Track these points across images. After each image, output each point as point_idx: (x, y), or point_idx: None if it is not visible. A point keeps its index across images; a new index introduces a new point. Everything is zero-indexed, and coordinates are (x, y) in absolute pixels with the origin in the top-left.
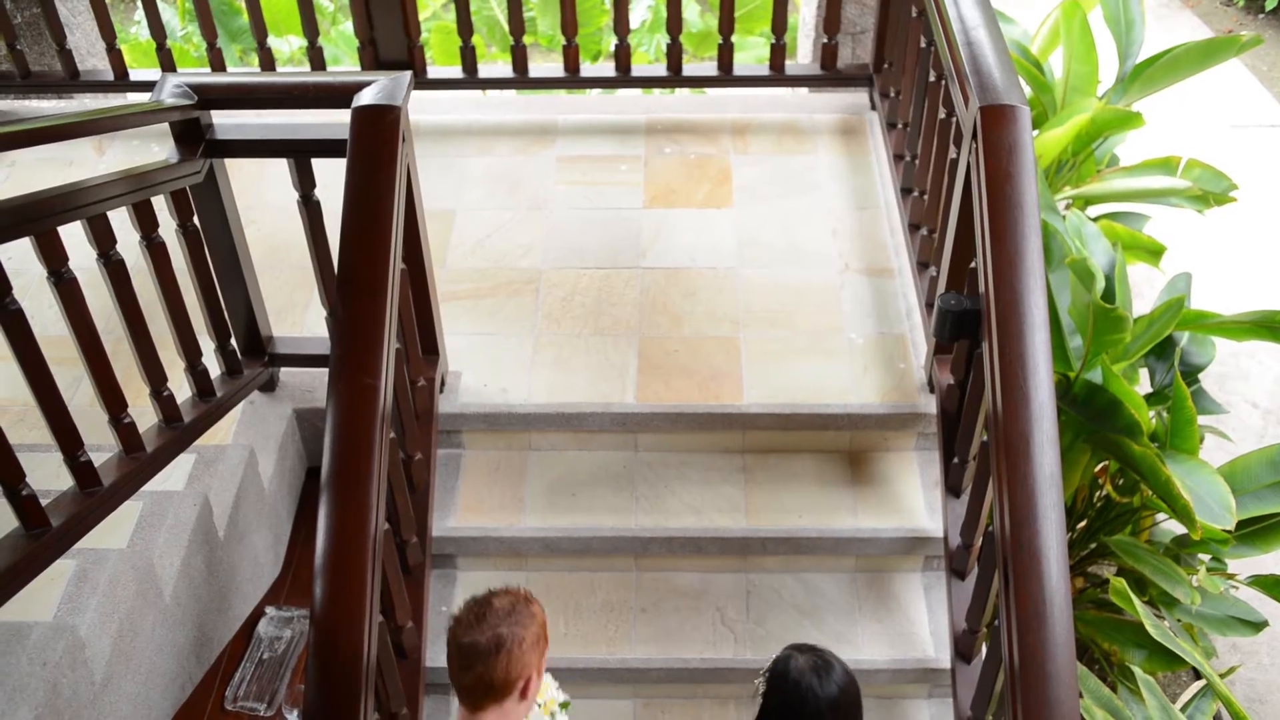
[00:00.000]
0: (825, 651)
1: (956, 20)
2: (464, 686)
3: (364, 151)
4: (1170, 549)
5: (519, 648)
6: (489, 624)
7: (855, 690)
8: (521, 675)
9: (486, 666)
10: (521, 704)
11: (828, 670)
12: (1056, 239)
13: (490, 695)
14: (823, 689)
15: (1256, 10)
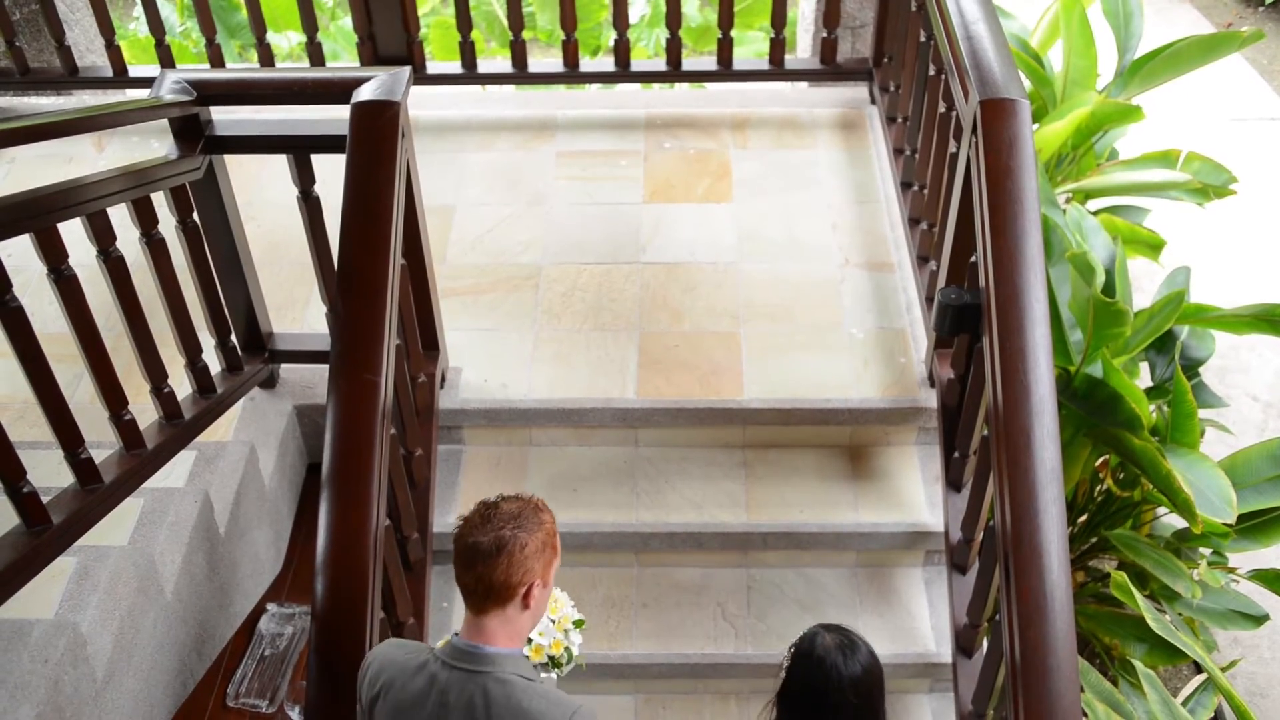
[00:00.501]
0: (852, 632)
1: (956, 14)
2: (466, 587)
3: (363, 147)
4: (1171, 543)
5: (520, 552)
6: (493, 525)
7: (879, 671)
8: (523, 581)
9: (486, 567)
10: (525, 613)
11: (852, 649)
12: (1056, 233)
13: (491, 598)
14: (846, 668)
15: (1256, 3)
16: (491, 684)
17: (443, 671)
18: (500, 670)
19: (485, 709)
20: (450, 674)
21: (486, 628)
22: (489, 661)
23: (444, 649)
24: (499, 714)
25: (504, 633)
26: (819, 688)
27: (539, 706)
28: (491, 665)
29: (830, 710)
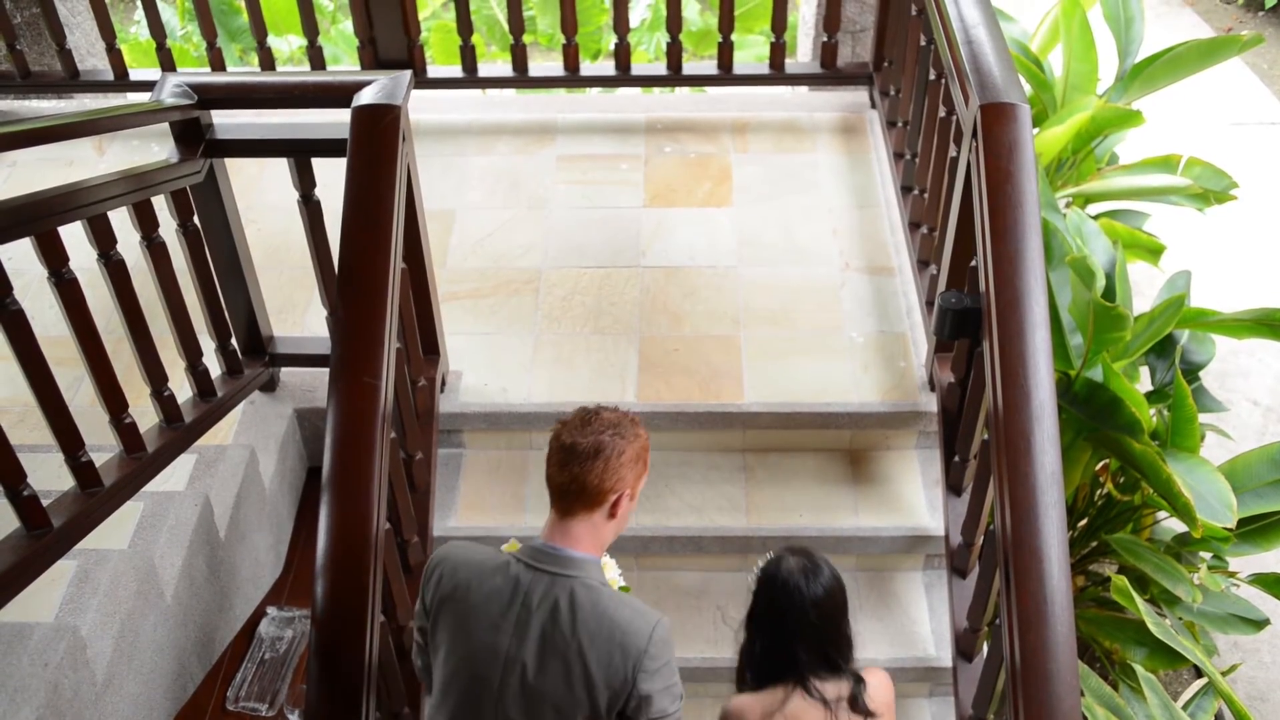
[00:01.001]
0: (817, 554)
1: (956, 18)
2: (558, 486)
3: (364, 151)
4: (1171, 547)
5: (617, 458)
6: (593, 429)
7: (841, 593)
8: (615, 488)
9: (582, 469)
10: (610, 523)
11: (816, 572)
12: (1057, 237)
13: (581, 500)
14: (809, 589)
15: (1256, 8)
16: (578, 588)
17: (525, 573)
18: (586, 575)
19: (570, 612)
20: (533, 575)
21: (572, 531)
22: (575, 565)
23: (523, 550)
24: (584, 619)
25: (589, 539)
26: (783, 608)
27: (625, 615)
28: (577, 569)
29: (794, 629)
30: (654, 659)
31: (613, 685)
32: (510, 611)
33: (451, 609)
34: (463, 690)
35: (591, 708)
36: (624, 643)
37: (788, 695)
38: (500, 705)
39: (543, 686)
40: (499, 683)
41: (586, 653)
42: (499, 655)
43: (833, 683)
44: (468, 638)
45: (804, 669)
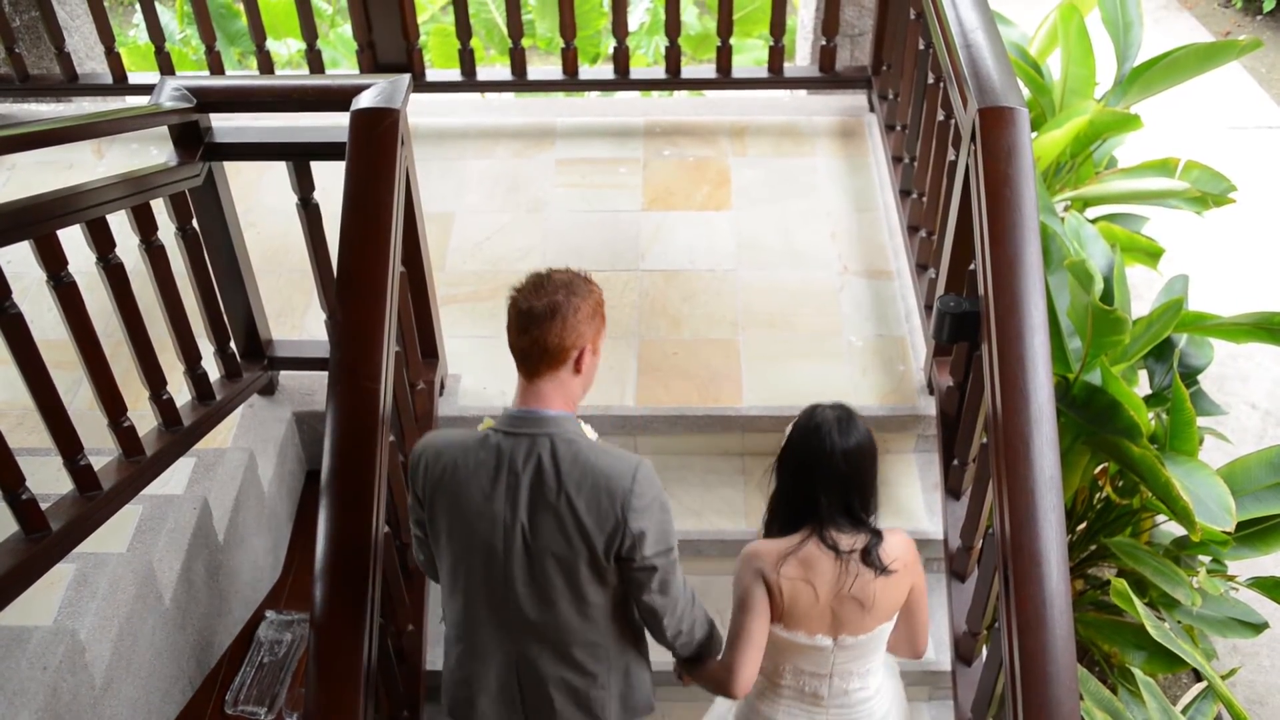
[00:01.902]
0: (854, 411)
1: (955, 23)
2: (521, 351)
3: (363, 154)
4: (1170, 550)
5: (574, 315)
6: (546, 291)
7: (873, 452)
8: (576, 345)
9: (541, 330)
10: (577, 378)
11: (850, 423)
12: (1055, 241)
13: (545, 361)
14: (840, 437)
15: (1254, 12)
16: (558, 443)
17: (505, 440)
18: (563, 430)
19: (554, 467)
20: (513, 440)
21: (542, 392)
22: (550, 423)
23: (499, 420)
24: (567, 470)
25: (559, 396)
26: (813, 453)
27: (606, 463)
28: (553, 426)
29: (820, 474)
30: (640, 497)
31: (605, 528)
32: (499, 479)
33: (444, 491)
34: (472, 566)
35: (590, 555)
36: (609, 486)
37: (804, 541)
38: (508, 570)
39: (542, 544)
40: (504, 549)
41: (575, 502)
42: (498, 523)
43: (850, 535)
44: (466, 514)
45: (824, 517)
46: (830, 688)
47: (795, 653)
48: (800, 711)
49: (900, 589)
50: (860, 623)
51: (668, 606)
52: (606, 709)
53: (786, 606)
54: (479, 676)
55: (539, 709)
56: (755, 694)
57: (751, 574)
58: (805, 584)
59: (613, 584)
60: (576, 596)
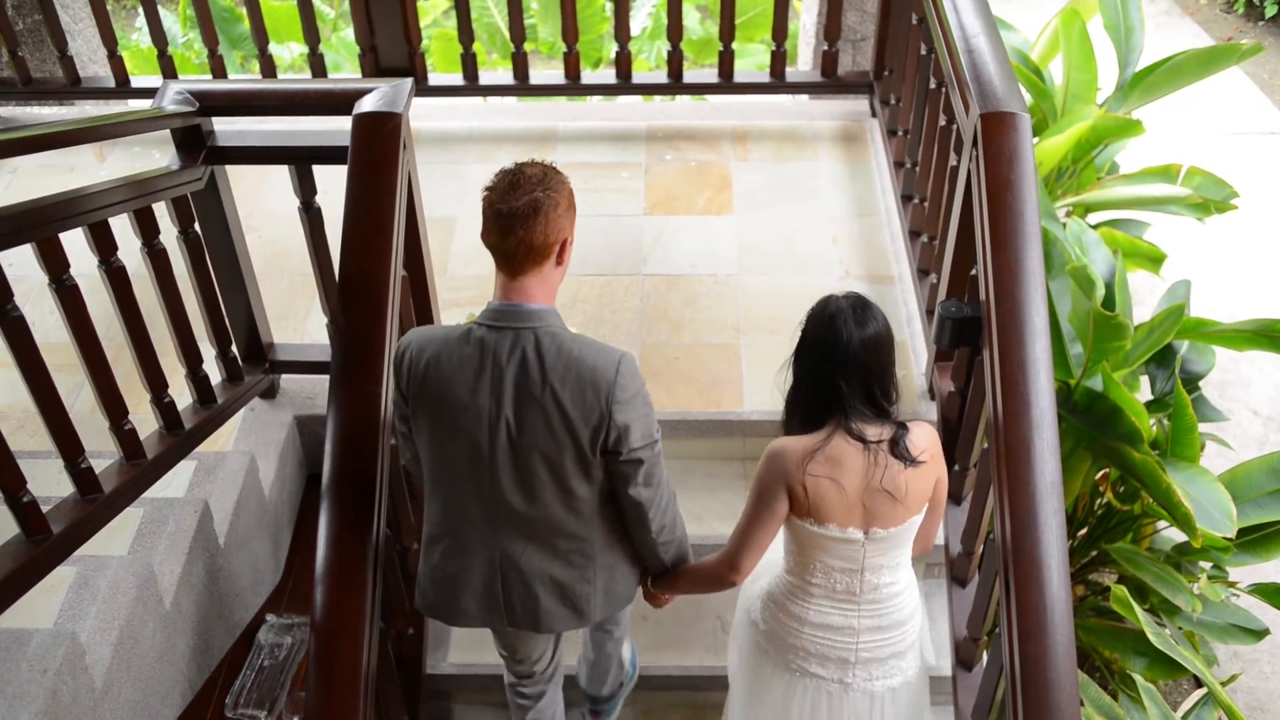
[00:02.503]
0: (870, 301)
1: (957, 27)
2: (505, 251)
3: (365, 158)
4: (1171, 557)
5: (554, 211)
6: (524, 190)
7: (890, 339)
8: (558, 238)
9: (526, 230)
10: (558, 269)
11: (866, 310)
12: (1057, 246)
13: (530, 258)
14: (857, 325)
15: (1256, 17)
16: (542, 336)
17: (489, 334)
18: (546, 324)
19: (539, 360)
20: (497, 334)
21: (525, 287)
22: (533, 317)
23: (482, 315)
24: (552, 364)
25: (541, 290)
26: (830, 342)
27: (589, 355)
28: (537, 320)
29: (839, 363)
30: (624, 389)
31: (590, 421)
32: (484, 374)
33: (428, 387)
34: (457, 462)
35: (576, 448)
36: (593, 379)
37: (829, 436)
38: (493, 465)
39: (527, 438)
40: (489, 444)
41: (560, 395)
42: (483, 418)
43: (875, 426)
44: (450, 409)
45: (847, 407)
46: (862, 583)
47: (826, 549)
48: (833, 609)
49: (929, 480)
50: (892, 515)
51: (654, 500)
52: (591, 602)
53: (813, 503)
54: (462, 574)
55: (523, 605)
56: (784, 595)
57: (775, 475)
58: (831, 481)
59: (598, 478)
60: (563, 491)
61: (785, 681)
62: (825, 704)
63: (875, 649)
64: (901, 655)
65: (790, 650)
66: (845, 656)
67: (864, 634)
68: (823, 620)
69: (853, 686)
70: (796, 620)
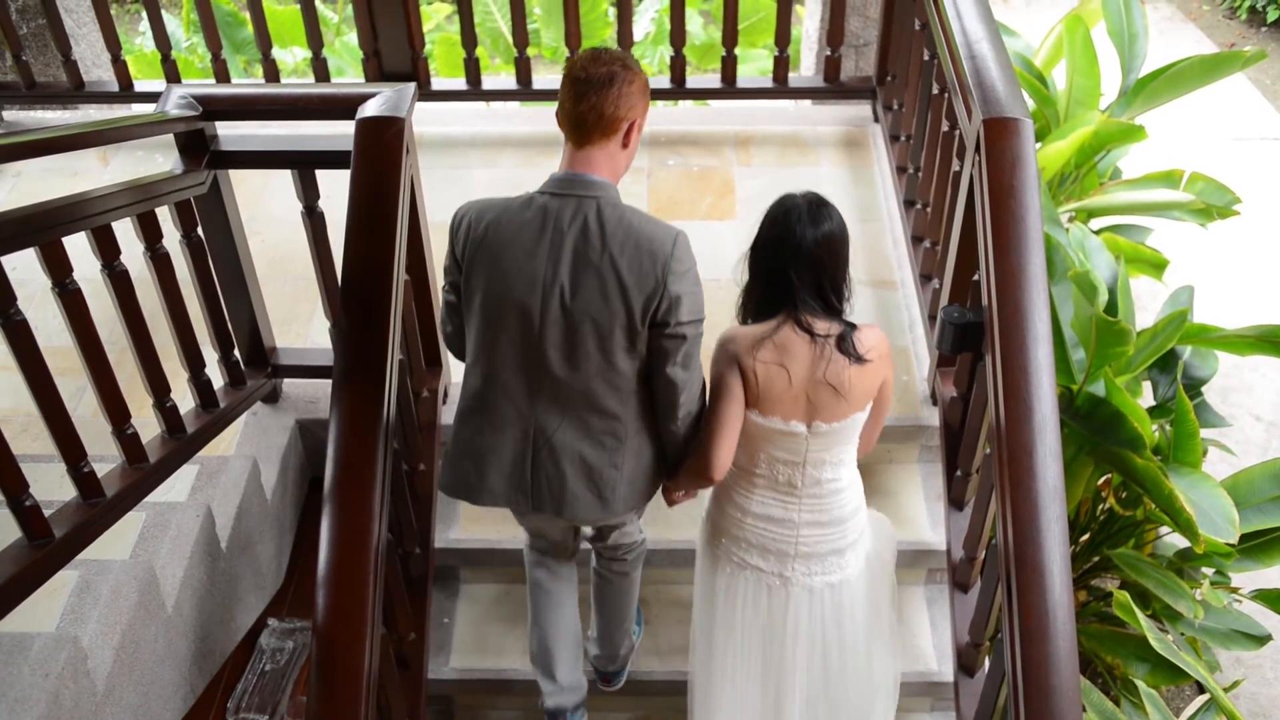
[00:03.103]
0: (826, 199)
1: (960, 33)
2: (575, 117)
3: (368, 163)
4: (1173, 562)
5: (628, 85)
6: (604, 61)
7: (844, 239)
8: (628, 116)
9: (599, 97)
10: (624, 152)
11: (823, 208)
12: (1059, 252)
13: (598, 128)
14: (813, 221)
15: (1259, 24)
16: (604, 206)
17: (552, 201)
18: (609, 195)
19: (600, 227)
20: (560, 201)
21: (591, 158)
22: (597, 187)
23: (546, 184)
24: (612, 231)
25: (607, 166)
26: (784, 238)
27: (650, 226)
28: (600, 190)
29: (792, 259)
30: (680, 261)
31: (645, 289)
32: (543, 238)
33: (486, 249)
34: (506, 328)
35: (628, 316)
36: (651, 249)
37: (779, 326)
38: (543, 331)
39: (580, 304)
40: (540, 309)
41: (618, 261)
42: (537, 281)
43: (824, 321)
44: (504, 273)
45: (797, 300)
46: (804, 476)
47: (770, 440)
48: (774, 501)
49: (874, 380)
50: (834, 409)
51: (687, 382)
52: (616, 492)
53: (761, 391)
54: (494, 449)
55: (550, 486)
56: (730, 486)
57: (727, 359)
58: (780, 368)
59: (641, 354)
60: (606, 363)
61: (728, 575)
62: (766, 598)
63: (814, 544)
64: (841, 553)
65: (734, 542)
66: (785, 549)
67: (803, 528)
68: (765, 511)
69: (792, 581)
70: (740, 510)
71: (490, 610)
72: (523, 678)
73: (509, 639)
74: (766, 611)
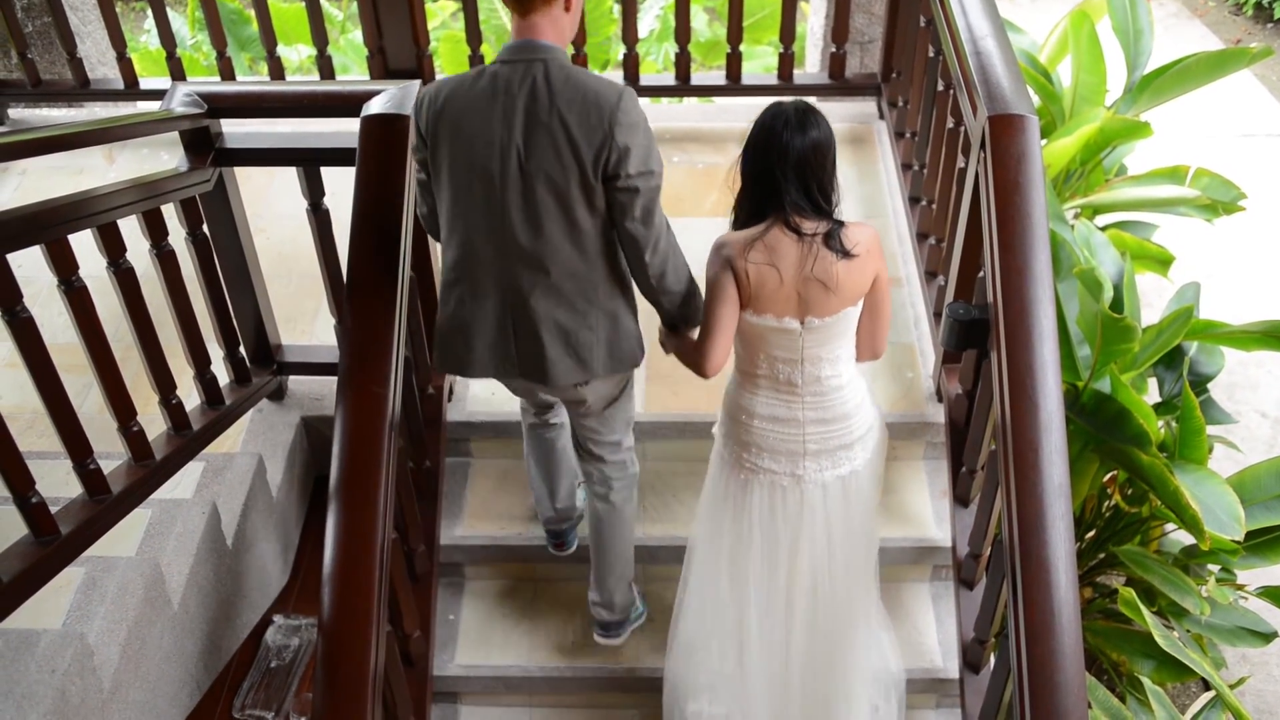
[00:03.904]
0: (814, 106)
1: (965, 30)
2: None
3: (373, 160)
4: (1179, 559)
5: None
6: None
7: (832, 144)
8: None
9: None
10: (567, 16)
11: (811, 115)
12: (1065, 248)
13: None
14: (801, 126)
15: (1265, 20)
16: (552, 67)
17: (503, 69)
18: (556, 57)
19: (547, 87)
20: (510, 68)
21: (536, 25)
22: (545, 50)
23: (498, 54)
24: (559, 89)
25: (551, 30)
26: (769, 141)
27: (594, 83)
28: (548, 53)
29: (780, 163)
30: (626, 113)
31: (594, 142)
32: (496, 103)
33: (446, 120)
34: (471, 195)
35: (580, 171)
36: (598, 102)
37: (769, 227)
38: (504, 195)
39: (535, 164)
40: (500, 172)
41: (566, 118)
42: (495, 146)
43: (812, 220)
44: (465, 140)
45: (785, 202)
46: (803, 374)
47: (768, 339)
48: (778, 402)
49: (864, 274)
50: (825, 304)
51: (649, 239)
52: (594, 353)
53: (754, 290)
54: (477, 319)
55: (531, 354)
56: (736, 392)
57: (720, 262)
58: (770, 268)
59: (600, 209)
60: (568, 221)
61: (741, 483)
62: (781, 498)
63: (823, 440)
64: (849, 447)
65: (745, 448)
66: (794, 449)
67: (809, 425)
68: (770, 412)
69: (804, 478)
70: (746, 414)
71: (495, 607)
72: (528, 674)
73: (514, 635)
74: (782, 511)
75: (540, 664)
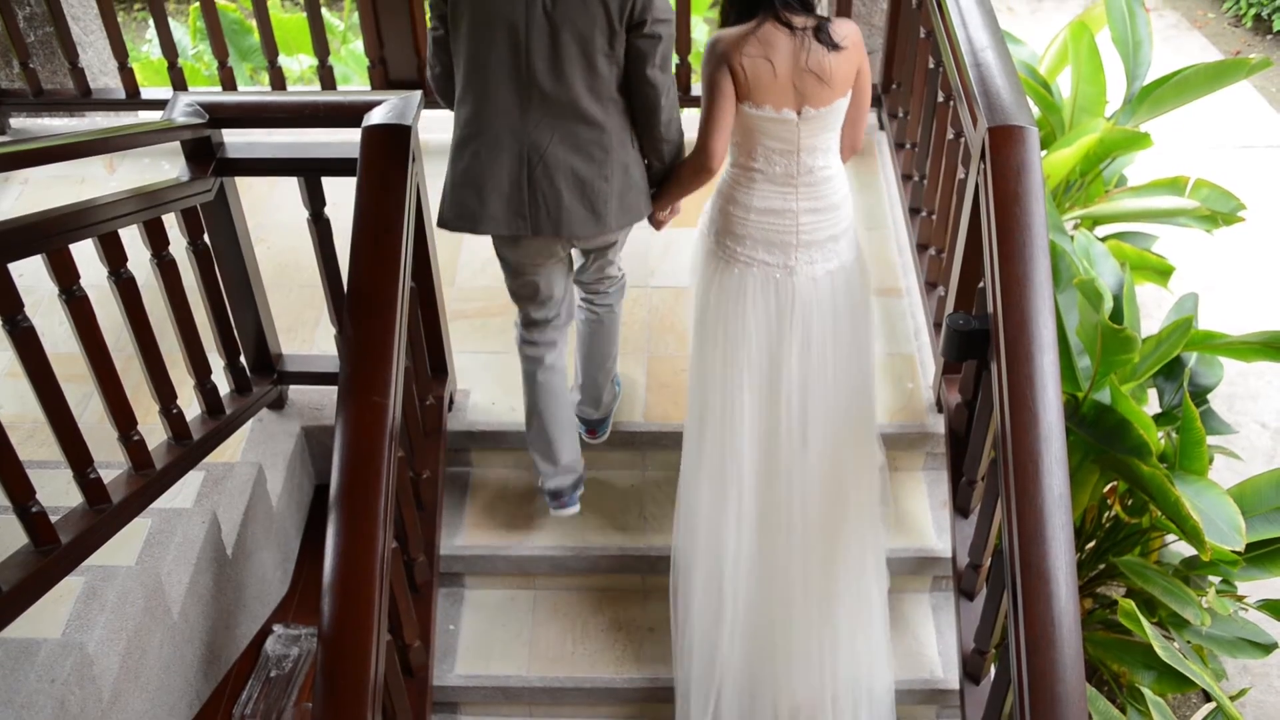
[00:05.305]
0: None
1: (965, 41)
2: None
3: (374, 170)
4: (1179, 570)
5: None
6: None
7: None
8: None
9: None
10: None
11: None
12: (1065, 259)
13: None
14: None
15: (1264, 31)
16: None
17: None
18: None
19: None
20: None
21: None
22: None
23: None
24: None
25: None
26: None
27: None
28: None
29: None
30: None
31: None
32: None
33: None
34: (494, 46)
35: (606, 18)
36: None
37: (760, 23)
38: (529, 43)
39: (561, 11)
40: (525, 21)
41: None
42: None
43: (801, 16)
44: None
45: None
46: (798, 165)
47: (765, 131)
48: (774, 194)
49: (851, 65)
50: (820, 95)
51: (665, 84)
52: (608, 205)
53: (751, 83)
54: (492, 173)
55: (547, 203)
56: (731, 187)
57: (715, 59)
58: (765, 60)
59: (619, 60)
60: (589, 69)
61: (736, 277)
62: (774, 290)
63: (813, 230)
64: (836, 240)
65: (739, 241)
66: (788, 240)
67: (802, 215)
68: (766, 205)
69: (796, 270)
70: (743, 209)
71: (495, 617)
72: (528, 684)
73: (514, 645)
74: (775, 303)
75: (540, 674)
